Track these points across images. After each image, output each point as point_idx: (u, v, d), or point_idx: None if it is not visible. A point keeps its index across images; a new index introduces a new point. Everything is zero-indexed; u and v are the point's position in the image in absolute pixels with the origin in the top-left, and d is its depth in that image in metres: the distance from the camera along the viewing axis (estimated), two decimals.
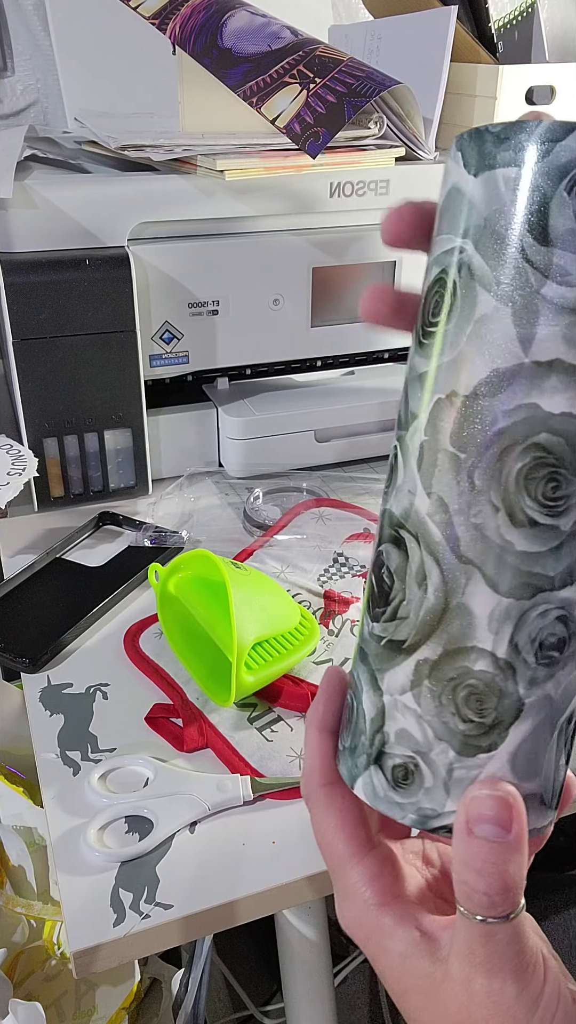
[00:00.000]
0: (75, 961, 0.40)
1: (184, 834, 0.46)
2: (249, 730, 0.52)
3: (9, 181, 0.63)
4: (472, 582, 0.26)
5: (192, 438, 0.79)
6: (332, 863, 0.31)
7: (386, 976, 0.30)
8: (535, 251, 0.24)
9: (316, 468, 0.81)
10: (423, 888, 0.32)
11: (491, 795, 0.26)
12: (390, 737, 0.28)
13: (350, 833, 0.31)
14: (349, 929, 0.31)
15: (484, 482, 0.25)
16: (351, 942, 1.11)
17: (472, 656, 0.26)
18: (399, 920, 0.29)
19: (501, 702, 0.26)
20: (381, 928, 0.29)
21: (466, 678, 0.26)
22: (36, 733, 0.52)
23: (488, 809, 0.26)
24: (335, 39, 0.94)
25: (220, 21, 0.70)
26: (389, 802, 0.29)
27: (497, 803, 0.26)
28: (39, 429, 0.71)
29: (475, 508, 0.25)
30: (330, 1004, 0.73)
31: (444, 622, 0.26)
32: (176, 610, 0.58)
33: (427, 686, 0.27)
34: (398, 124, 0.73)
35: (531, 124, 0.24)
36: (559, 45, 1.08)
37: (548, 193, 0.24)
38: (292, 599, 0.59)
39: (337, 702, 0.32)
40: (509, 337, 0.24)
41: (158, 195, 0.69)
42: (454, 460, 0.26)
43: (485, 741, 0.27)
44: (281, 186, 0.72)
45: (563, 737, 0.27)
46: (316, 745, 0.31)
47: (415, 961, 0.28)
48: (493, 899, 0.26)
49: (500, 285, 0.24)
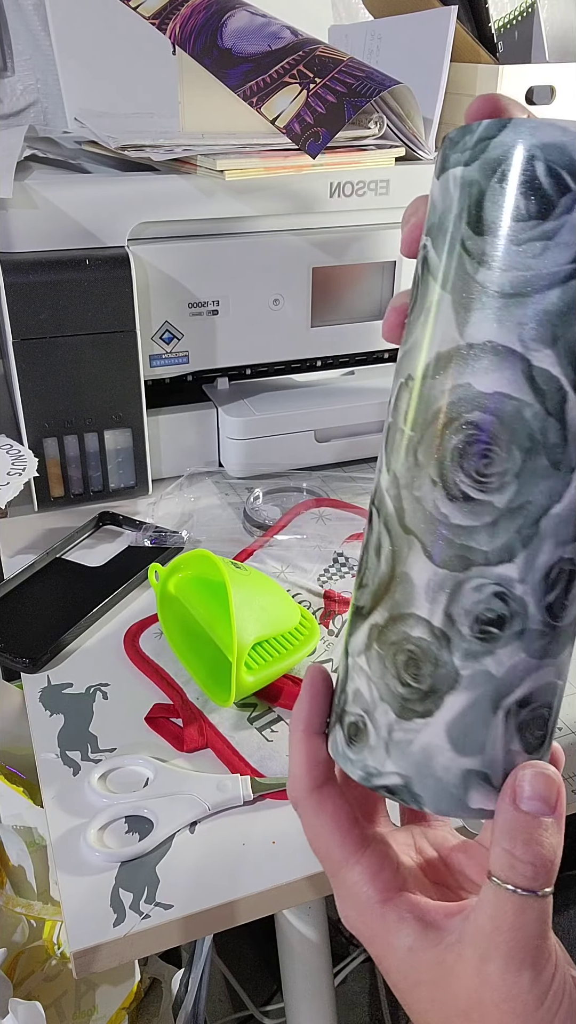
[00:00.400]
0: (75, 961, 0.40)
1: (184, 834, 0.46)
2: (249, 730, 0.52)
3: (9, 181, 0.63)
4: (412, 552, 0.27)
5: (192, 438, 0.79)
6: (330, 866, 0.31)
7: (392, 973, 0.30)
8: (472, 241, 0.26)
9: (316, 468, 0.81)
10: (420, 877, 0.32)
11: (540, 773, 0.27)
12: (348, 696, 0.30)
13: (345, 834, 0.31)
14: (353, 928, 0.31)
15: (425, 457, 0.27)
16: (351, 942, 1.11)
17: (411, 622, 0.28)
18: (403, 915, 0.29)
19: (436, 670, 0.27)
20: (386, 925, 0.29)
21: (405, 643, 0.28)
22: (36, 733, 0.52)
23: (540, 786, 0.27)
24: (335, 39, 0.94)
25: (220, 21, 0.70)
26: (344, 757, 0.30)
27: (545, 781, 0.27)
28: (39, 429, 0.71)
29: (417, 482, 0.27)
30: (330, 1004, 0.73)
31: (390, 589, 0.28)
32: (176, 610, 0.58)
33: (375, 649, 0.29)
34: (398, 124, 0.73)
35: (474, 125, 0.26)
36: (559, 45, 1.08)
37: (483, 186, 0.25)
38: (292, 599, 0.59)
39: (321, 702, 0.32)
40: (449, 322, 0.26)
41: (158, 195, 0.69)
42: (405, 438, 0.28)
43: (421, 707, 0.28)
44: (281, 186, 0.72)
45: (514, 720, 0.27)
46: (302, 748, 0.31)
47: (423, 953, 0.29)
48: (537, 870, 0.26)
49: (445, 275, 0.26)
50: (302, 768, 0.31)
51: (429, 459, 0.27)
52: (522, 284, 0.25)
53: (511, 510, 0.26)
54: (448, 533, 0.26)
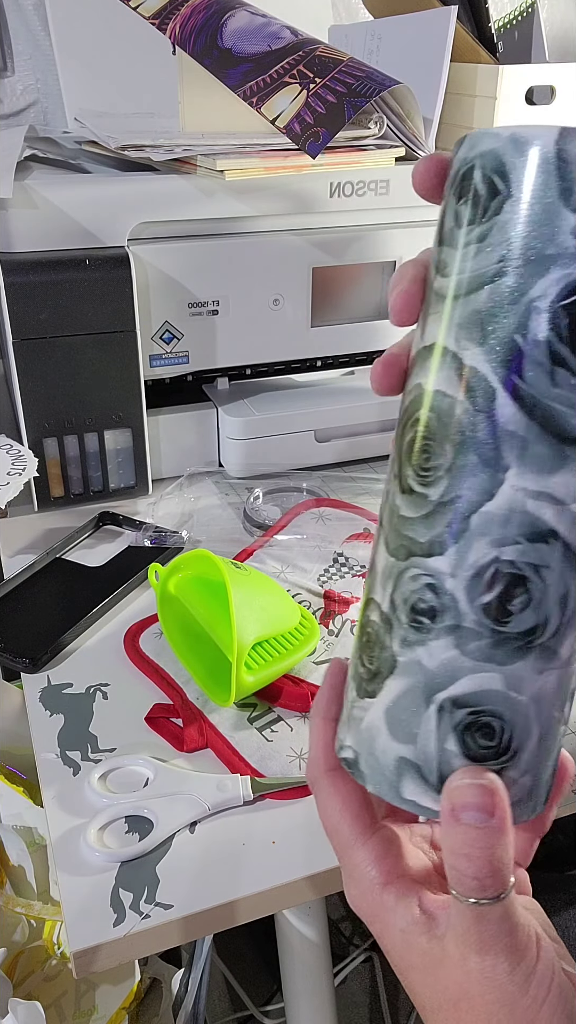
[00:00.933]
0: (75, 961, 0.40)
1: (184, 834, 0.46)
2: (249, 730, 0.52)
3: (9, 181, 0.63)
4: (379, 541, 0.30)
5: (192, 438, 0.79)
6: (338, 844, 0.32)
7: (390, 952, 0.31)
8: (435, 251, 0.28)
9: (316, 468, 0.81)
10: (429, 870, 0.33)
11: (473, 783, 0.27)
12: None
13: (355, 815, 0.32)
14: (355, 906, 0.32)
15: (393, 454, 0.29)
16: (351, 942, 1.11)
17: (372, 607, 0.30)
18: (401, 898, 0.30)
19: (382, 653, 0.29)
20: (384, 905, 0.30)
21: (367, 626, 0.30)
22: (36, 733, 0.52)
23: (471, 796, 0.27)
24: (335, 39, 0.94)
25: (220, 21, 0.70)
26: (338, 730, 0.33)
27: (479, 790, 0.27)
28: (39, 429, 0.71)
29: (390, 475, 0.29)
30: (330, 1004, 0.73)
31: (368, 576, 0.31)
32: (176, 610, 0.58)
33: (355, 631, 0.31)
34: (398, 124, 0.73)
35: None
36: (559, 45, 1.08)
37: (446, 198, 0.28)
38: (292, 599, 0.59)
39: (339, 692, 0.33)
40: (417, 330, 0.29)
41: (158, 195, 0.69)
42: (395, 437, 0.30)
43: (369, 687, 0.30)
44: (281, 186, 0.72)
45: (448, 719, 0.28)
46: (320, 733, 0.33)
47: (414, 938, 0.30)
48: (483, 882, 0.27)
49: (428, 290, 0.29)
50: (319, 751, 0.33)
51: (394, 455, 0.29)
52: (460, 286, 0.26)
53: (443, 504, 0.27)
54: (398, 524, 0.28)
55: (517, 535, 0.26)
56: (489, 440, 0.26)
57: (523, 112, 0.76)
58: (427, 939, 0.29)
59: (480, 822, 0.26)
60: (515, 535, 0.26)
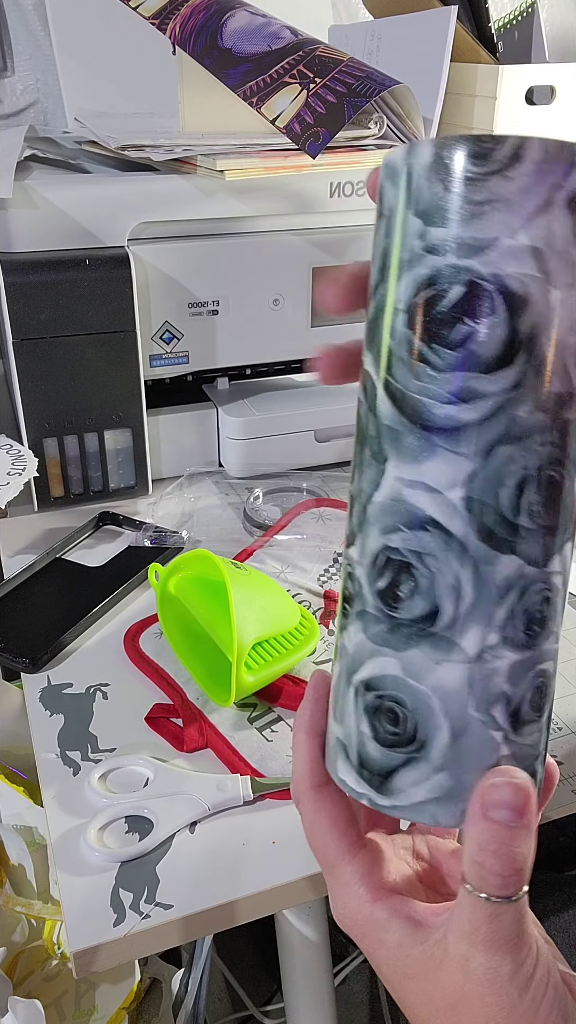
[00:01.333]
0: (75, 961, 0.40)
1: (184, 834, 0.46)
2: (249, 730, 0.52)
3: (9, 181, 0.63)
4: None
5: (192, 438, 0.79)
6: (325, 862, 0.32)
7: (383, 967, 0.31)
8: None
9: (316, 468, 0.81)
10: (414, 881, 0.33)
11: (508, 782, 0.27)
12: None
13: (341, 832, 0.32)
14: (344, 925, 0.32)
15: None
16: (351, 942, 1.11)
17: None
18: (392, 912, 0.30)
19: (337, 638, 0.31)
20: (376, 922, 0.30)
21: None
22: (36, 733, 0.52)
23: (506, 795, 0.27)
24: (335, 39, 0.94)
25: (220, 21, 0.70)
26: None
27: (513, 790, 0.27)
28: (39, 429, 0.71)
29: None
30: (330, 1004, 0.73)
31: None
32: (176, 610, 0.58)
33: None
34: (398, 124, 0.73)
35: None
36: (559, 45, 1.08)
37: None
38: (292, 599, 0.59)
39: (323, 704, 0.32)
40: None
41: (158, 195, 0.69)
42: None
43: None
44: (281, 186, 0.72)
45: (361, 700, 0.29)
46: (304, 748, 0.32)
47: (411, 948, 0.29)
48: (507, 880, 0.27)
49: None
50: (304, 767, 0.32)
51: None
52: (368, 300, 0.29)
53: (354, 496, 0.29)
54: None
55: (398, 523, 0.27)
56: (375, 435, 0.28)
57: (523, 112, 0.76)
58: (425, 946, 0.29)
59: (511, 821, 0.26)
60: (396, 523, 0.27)
